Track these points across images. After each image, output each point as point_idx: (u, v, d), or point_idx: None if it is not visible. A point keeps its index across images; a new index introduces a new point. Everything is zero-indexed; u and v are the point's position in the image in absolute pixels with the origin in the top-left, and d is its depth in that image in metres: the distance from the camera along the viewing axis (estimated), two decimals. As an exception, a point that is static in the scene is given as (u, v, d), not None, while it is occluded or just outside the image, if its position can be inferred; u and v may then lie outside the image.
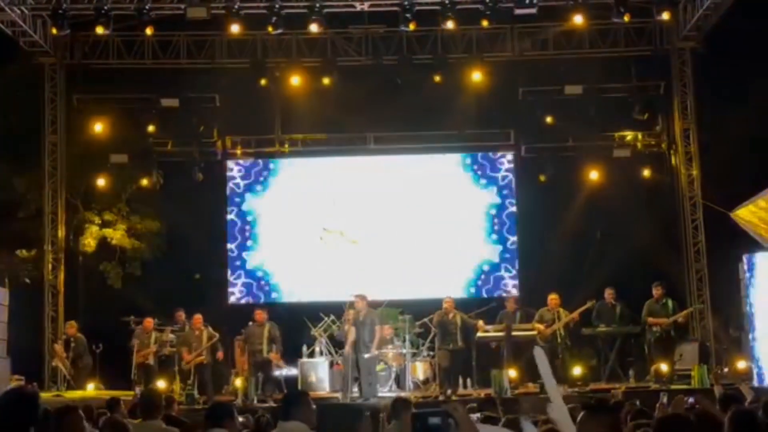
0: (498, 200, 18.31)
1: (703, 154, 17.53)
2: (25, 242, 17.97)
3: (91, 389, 14.96)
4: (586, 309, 15.37)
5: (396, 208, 18.21)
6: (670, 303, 15.41)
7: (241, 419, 7.56)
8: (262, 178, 18.53)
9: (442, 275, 17.85)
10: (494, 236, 18.22)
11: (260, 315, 15.44)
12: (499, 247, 18.16)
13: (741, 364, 14.77)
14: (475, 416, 6.96)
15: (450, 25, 16.11)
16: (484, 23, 16.23)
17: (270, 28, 16.11)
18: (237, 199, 18.42)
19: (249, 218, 18.37)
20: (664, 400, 11.46)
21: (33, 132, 17.88)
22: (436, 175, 18.44)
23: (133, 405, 8.50)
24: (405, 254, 18.01)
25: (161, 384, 14.72)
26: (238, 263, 18.23)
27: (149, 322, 15.78)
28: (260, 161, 18.63)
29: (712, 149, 17.17)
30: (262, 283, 18.21)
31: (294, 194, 18.36)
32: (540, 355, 3.29)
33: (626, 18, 15.97)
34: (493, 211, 18.29)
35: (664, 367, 14.80)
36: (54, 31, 15.84)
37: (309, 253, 18.09)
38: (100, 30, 16.06)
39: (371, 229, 18.08)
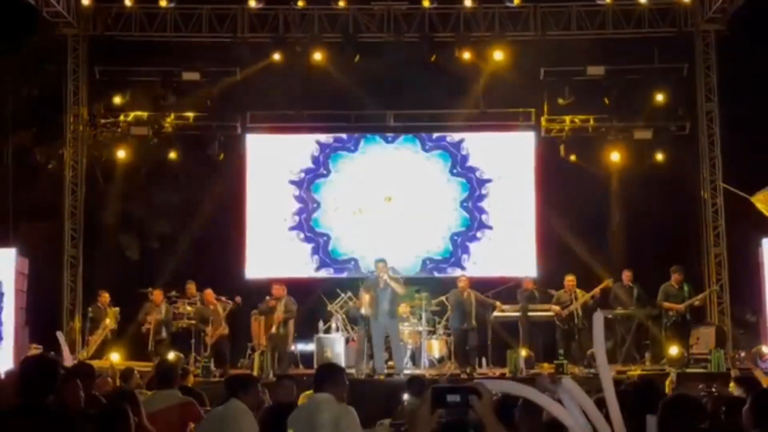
0: (517, 180, 18.23)
1: (725, 138, 17.41)
2: (44, 212, 18.04)
3: (116, 359, 15.00)
4: (605, 287, 15.39)
5: (413, 187, 18.20)
6: (686, 287, 15.35)
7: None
8: (280, 153, 18.52)
9: (457, 254, 17.88)
10: (512, 216, 18.15)
11: (278, 290, 15.45)
12: (517, 227, 18.08)
13: (765, 349, 14.62)
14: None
15: (468, 2, 16.00)
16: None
17: None
18: (256, 174, 18.42)
19: (268, 193, 18.37)
20: (674, 377, 11.46)
21: (54, 103, 17.91)
22: (455, 154, 18.39)
23: (152, 377, 8.54)
24: (421, 231, 18.01)
25: (171, 356, 14.72)
26: (255, 238, 18.25)
27: (158, 294, 15.83)
28: (280, 136, 18.62)
29: (734, 133, 17.03)
30: (278, 258, 18.20)
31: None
32: (598, 322, 3.05)
33: None
34: (513, 191, 18.22)
35: (680, 350, 14.76)
36: (86, 1, 15.78)
37: (329, 229, 18.14)
38: (128, 2, 16.10)
39: (389, 206, 18.07)
